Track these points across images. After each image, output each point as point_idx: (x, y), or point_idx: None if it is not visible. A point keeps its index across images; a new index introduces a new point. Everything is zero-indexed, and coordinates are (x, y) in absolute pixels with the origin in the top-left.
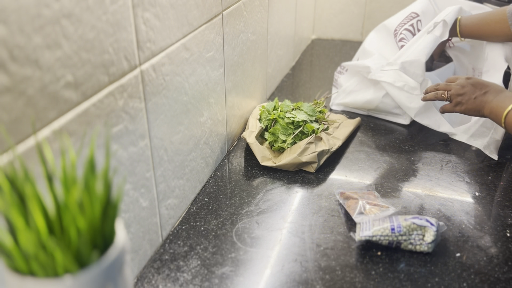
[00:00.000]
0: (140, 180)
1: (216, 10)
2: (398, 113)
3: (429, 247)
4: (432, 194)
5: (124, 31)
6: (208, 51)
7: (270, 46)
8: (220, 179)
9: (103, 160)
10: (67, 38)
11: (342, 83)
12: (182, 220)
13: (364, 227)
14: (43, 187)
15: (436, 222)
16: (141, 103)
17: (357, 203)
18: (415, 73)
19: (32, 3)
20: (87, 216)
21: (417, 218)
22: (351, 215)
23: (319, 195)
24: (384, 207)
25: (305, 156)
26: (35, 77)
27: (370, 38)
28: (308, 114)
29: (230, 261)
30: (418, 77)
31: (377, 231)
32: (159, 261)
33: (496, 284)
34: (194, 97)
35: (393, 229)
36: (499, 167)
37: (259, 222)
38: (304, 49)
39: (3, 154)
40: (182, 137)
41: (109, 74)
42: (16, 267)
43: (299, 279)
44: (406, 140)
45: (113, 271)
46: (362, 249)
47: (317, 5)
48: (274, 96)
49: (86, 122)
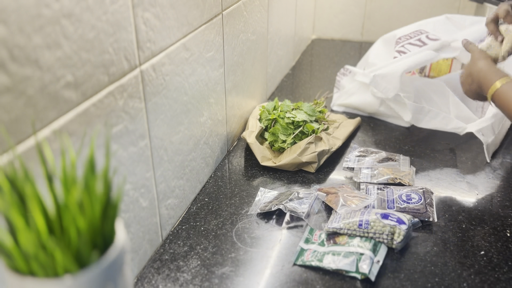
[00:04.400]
0: (140, 180)
1: (216, 10)
2: (399, 116)
3: (398, 246)
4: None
5: (124, 31)
6: (208, 51)
7: (270, 46)
8: (220, 179)
9: (103, 160)
10: (67, 38)
11: (345, 85)
12: (182, 220)
13: (336, 218)
14: (43, 187)
15: (409, 220)
16: (141, 103)
17: (337, 196)
18: (386, 87)
19: (32, 3)
20: (87, 216)
21: (389, 216)
22: (334, 209)
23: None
24: (362, 198)
25: (305, 156)
26: (35, 77)
27: (376, 47)
28: (308, 114)
29: (230, 261)
30: (388, 92)
31: (346, 225)
32: (159, 261)
33: (496, 284)
34: (194, 97)
35: (360, 225)
36: (499, 167)
37: (259, 222)
38: (304, 49)
39: (3, 154)
40: (182, 137)
41: (109, 74)
42: (16, 267)
43: (299, 279)
44: (406, 140)
45: (113, 271)
46: None
47: (317, 5)
48: (274, 96)
49: (86, 122)
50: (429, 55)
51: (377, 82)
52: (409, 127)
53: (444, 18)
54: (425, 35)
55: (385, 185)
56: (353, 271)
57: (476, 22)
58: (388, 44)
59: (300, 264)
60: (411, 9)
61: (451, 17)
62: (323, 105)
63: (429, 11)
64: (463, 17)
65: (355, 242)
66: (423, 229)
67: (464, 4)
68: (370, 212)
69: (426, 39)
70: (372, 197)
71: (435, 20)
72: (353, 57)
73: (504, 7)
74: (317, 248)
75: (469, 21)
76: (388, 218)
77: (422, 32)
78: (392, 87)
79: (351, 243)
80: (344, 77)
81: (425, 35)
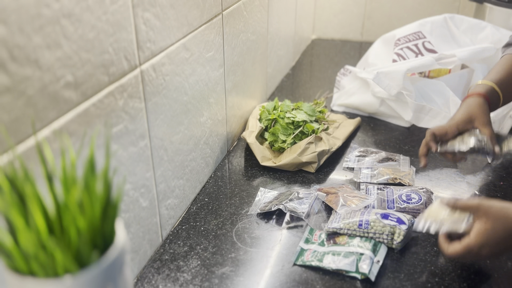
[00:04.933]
0: (140, 180)
1: (216, 10)
2: (399, 116)
3: (398, 246)
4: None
5: (124, 31)
6: (208, 51)
7: (270, 46)
8: (220, 179)
9: (103, 160)
10: (67, 38)
11: (345, 85)
12: (182, 220)
13: (336, 218)
14: (43, 187)
15: (409, 220)
16: (141, 103)
17: (337, 196)
18: (389, 84)
19: (32, 3)
20: (87, 216)
21: (389, 216)
22: (334, 209)
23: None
24: (362, 198)
25: (305, 156)
26: (35, 77)
27: (376, 47)
28: (308, 114)
29: (230, 261)
30: (391, 89)
31: (346, 225)
32: (159, 261)
33: (496, 284)
34: (194, 97)
35: (360, 225)
36: (499, 167)
37: (259, 222)
38: (304, 49)
39: (3, 154)
40: (182, 137)
41: (109, 74)
42: (16, 267)
43: (299, 279)
44: (406, 140)
45: (113, 271)
46: None
47: (317, 5)
48: (274, 96)
49: (86, 122)
50: (429, 61)
51: (381, 79)
52: (409, 127)
53: (443, 19)
54: (422, 42)
55: (385, 185)
56: (353, 271)
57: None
58: (388, 44)
59: (300, 264)
60: (411, 9)
61: (450, 17)
62: (323, 105)
63: (429, 11)
64: (461, 18)
65: (355, 242)
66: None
67: (464, 4)
68: (370, 212)
69: (422, 48)
70: (372, 197)
71: (433, 20)
72: (353, 57)
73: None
74: (317, 248)
75: (466, 24)
76: (388, 218)
77: (420, 37)
78: (395, 84)
79: (351, 243)
80: (344, 77)
81: (422, 42)
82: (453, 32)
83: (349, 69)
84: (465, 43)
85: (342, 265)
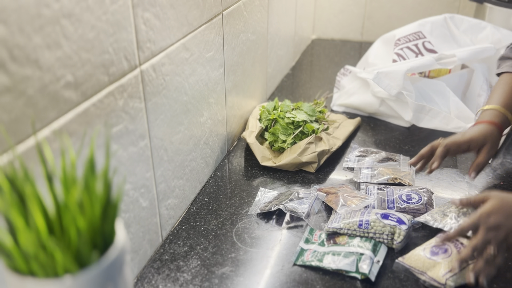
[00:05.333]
0: (140, 180)
1: (216, 10)
2: (399, 116)
3: (399, 246)
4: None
5: (124, 31)
6: (208, 51)
7: (270, 46)
8: (220, 179)
9: (103, 160)
10: (67, 38)
11: (345, 85)
12: (182, 220)
13: (336, 218)
14: (43, 187)
15: (409, 220)
16: (141, 103)
17: (337, 196)
18: (389, 84)
19: (32, 3)
20: (87, 216)
21: (389, 216)
22: (334, 209)
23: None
24: (362, 198)
25: (305, 156)
26: (35, 77)
27: (376, 47)
28: (308, 114)
29: (230, 261)
30: (391, 89)
31: (346, 225)
32: (159, 261)
33: (496, 284)
34: (194, 97)
35: (360, 225)
36: (499, 167)
37: (259, 222)
38: (304, 49)
39: (3, 154)
40: (182, 137)
41: (109, 74)
42: (16, 267)
43: (299, 279)
44: (406, 140)
45: (113, 271)
46: None
47: (317, 5)
48: (274, 96)
49: (86, 122)
50: (429, 61)
51: (381, 79)
52: (409, 127)
53: (443, 19)
54: (422, 42)
55: (385, 185)
56: (353, 271)
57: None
58: (388, 44)
59: (300, 264)
60: (411, 9)
61: (450, 17)
62: (323, 105)
63: (429, 11)
64: (461, 18)
65: (355, 242)
66: (423, 229)
67: (464, 4)
68: (370, 212)
69: (422, 48)
70: (372, 197)
71: (433, 20)
72: (353, 57)
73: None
74: (317, 248)
75: (466, 24)
76: (388, 218)
77: (420, 37)
78: (396, 84)
79: (351, 243)
80: (344, 77)
81: (422, 42)
82: (453, 32)
83: (349, 69)
84: (465, 43)
85: (342, 265)
